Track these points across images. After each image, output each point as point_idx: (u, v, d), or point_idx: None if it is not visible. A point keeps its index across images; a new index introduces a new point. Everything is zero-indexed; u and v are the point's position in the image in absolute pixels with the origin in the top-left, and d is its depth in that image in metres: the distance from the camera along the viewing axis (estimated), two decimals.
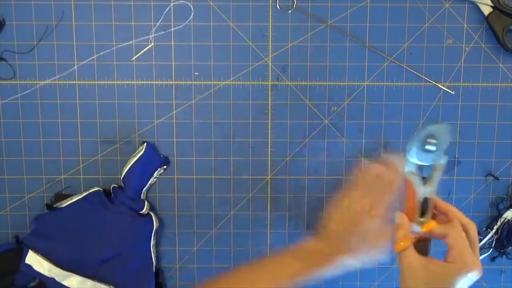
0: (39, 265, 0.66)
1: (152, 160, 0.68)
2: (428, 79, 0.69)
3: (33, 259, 0.66)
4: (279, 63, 0.69)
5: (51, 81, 0.68)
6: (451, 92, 0.69)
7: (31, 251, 0.66)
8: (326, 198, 0.71)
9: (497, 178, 0.71)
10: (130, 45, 0.68)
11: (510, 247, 0.72)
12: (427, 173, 0.51)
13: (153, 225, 0.69)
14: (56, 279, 0.66)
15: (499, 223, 0.71)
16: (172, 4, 0.67)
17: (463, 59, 0.69)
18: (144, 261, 0.69)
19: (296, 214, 0.72)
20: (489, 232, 0.72)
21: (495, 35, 0.67)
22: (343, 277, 0.73)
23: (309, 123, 0.70)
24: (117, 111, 0.69)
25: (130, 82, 0.68)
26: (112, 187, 0.69)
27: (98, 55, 0.68)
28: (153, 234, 0.69)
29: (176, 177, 0.71)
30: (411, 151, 0.51)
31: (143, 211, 0.68)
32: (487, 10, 0.67)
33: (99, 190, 0.68)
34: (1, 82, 0.68)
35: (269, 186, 0.71)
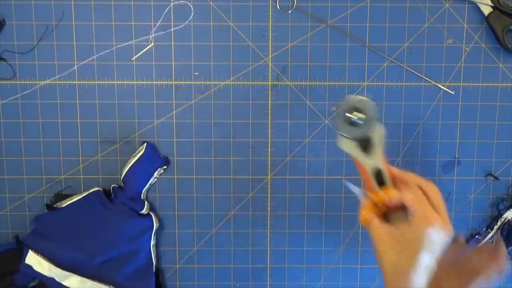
0: (39, 265, 0.66)
1: (152, 160, 0.68)
2: (428, 79, 0.69)
3: (33, 259, 0.66)
4: (279, 63, 0.69)
5: (51, 81, 0.68)
6: (451, 92, 0.69)
7: (31, 251, 0.66)
8: (326, 198, 0.71)
9: (497, 178, 0.71)
10: (130, 45, 0.68)
11: (510, 247, 0.72)
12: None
13: (153, 225, 0.69)
14: (56, 279, 0.66)
15: (499, 223, 0.71)
16: (172, 4, 0.67)
17: (463, 59, 0.69)
18: (144, 261, 0.69)
19: (296, 214, 0.72)
20: (489, 232, 0.72)
21: (495, 35, 0.67)
22: (343, 277, 0.73)
23: (309, 123, 0.70)
24: (117, 111, 0.69)
25: (130, 82, 0.68)
26: (112, 187, 0.69)
27: (98, 55, 0.68)
28: (153, 234, 0.69)
29: (176, 177, 0.71)
30: (338, 126, 0.50)
31: (143, 211, 0.68)
32: (487, 10, 0.67)
33: (99, 190, 0.68)
34: (1, 82, 0.68)
35: (269, 186, 0.71)
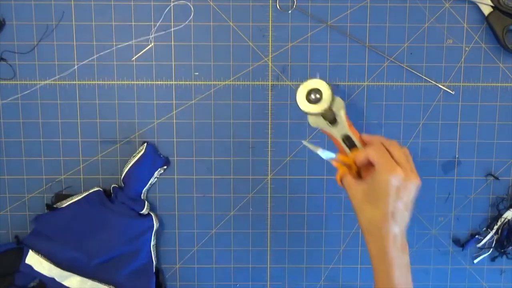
0: (39, 265, 0.66)
1: (152, 160, 0.68)
2: (428, 79, 0.69)
3: (33, 259, 0.66)
4: (279, 63, 0.69)
5: (51, 81, 0.68)
6: (451, 92, 0.69)
7: (31, 251, 0.66)
8: (326, 198, 0.71)
9: (497, 178, 0.71)
10: (130, 45, 0.68)
11: (510, 247, 0.72)
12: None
13: (153, 225, 0.69)
14: (56, 279, 0.66)
15: (499, 223, 0.71)
16: (172, 4, 0.67)
17: (463, 59, 0.69)
18: (144, 261, 0.69)
19: (296, 214, 0.72)
20: (489, 232, 0.72)
21: (495, 35, 0.67)
22: (343, 277, 0.73)
23: (309, 125, 0.69)
24: (117, 111, 0.69)
25: (130, 82, 0.68)
26: (112, 187, 0.69)
27: (98, 55, 0.68)
28: (153, 234, 0.69)
29: (176, 177, 0.71)
30: (302, 108, 0.56)
31: (143, 211, 0.68)
32: (487, 10, 0.67)
33: (99, 190, 0.68)
34: (1, 82, 0.68)
35: (269, 186, 0.71)
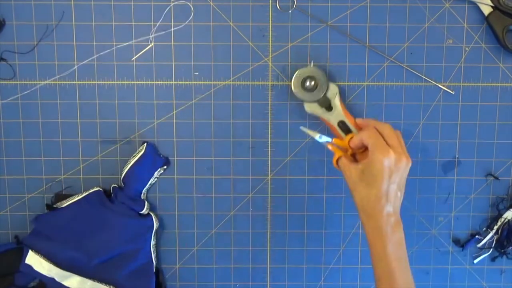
0: (39, 265, 0.66)
1: (152, 160, 0.68)
2: (428, 79, 0.69)
3: (33, 259, 0.66)
4: (279, 63, 0.69)
5: (51, 81, 0.68)
6: (451, 92, 0.69)
7: (31, 251, 0.66)
8: (326, 198, 0.71)
9: (497, 178, 0.71)
10: (130, 45, 0.68)
11: (510, 247, 0.72)
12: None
13: (153, 225, 0.69)
14: (56, 279, 0.66)
15: (499, 223, 0.71)
16: (172, 4, 0.67)
17: (463, 59, 0.69)
18: (144, 261, 0.69)
19: (296, 214, 0.72)
20: (489, 232, 0.72)
21: (495, 35, 0.67)
22: (343, 277, 0.73)
23: (309, 123, 0.70)
24: (117, 111, 0.69)
25: (130, 82, 0.68)
26: (112, 187, 0.69)
27: (98, 55, 0.68)
28: (153, 234, 0.69)
29: (176, 177, 0.71)
30: (298, 95, 0.60)
31: (143, 211, 0.68)
32: (487, 10, 0.67)
33: (99, 190, 0.68)
34: (1, 82, 0.68)
35: (269, 186, 0.71)
